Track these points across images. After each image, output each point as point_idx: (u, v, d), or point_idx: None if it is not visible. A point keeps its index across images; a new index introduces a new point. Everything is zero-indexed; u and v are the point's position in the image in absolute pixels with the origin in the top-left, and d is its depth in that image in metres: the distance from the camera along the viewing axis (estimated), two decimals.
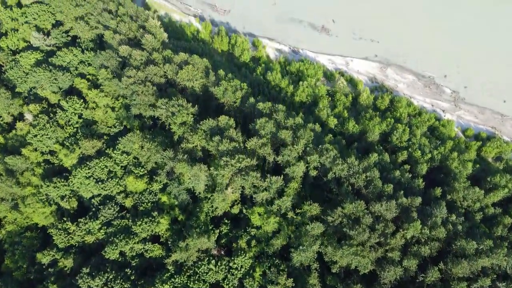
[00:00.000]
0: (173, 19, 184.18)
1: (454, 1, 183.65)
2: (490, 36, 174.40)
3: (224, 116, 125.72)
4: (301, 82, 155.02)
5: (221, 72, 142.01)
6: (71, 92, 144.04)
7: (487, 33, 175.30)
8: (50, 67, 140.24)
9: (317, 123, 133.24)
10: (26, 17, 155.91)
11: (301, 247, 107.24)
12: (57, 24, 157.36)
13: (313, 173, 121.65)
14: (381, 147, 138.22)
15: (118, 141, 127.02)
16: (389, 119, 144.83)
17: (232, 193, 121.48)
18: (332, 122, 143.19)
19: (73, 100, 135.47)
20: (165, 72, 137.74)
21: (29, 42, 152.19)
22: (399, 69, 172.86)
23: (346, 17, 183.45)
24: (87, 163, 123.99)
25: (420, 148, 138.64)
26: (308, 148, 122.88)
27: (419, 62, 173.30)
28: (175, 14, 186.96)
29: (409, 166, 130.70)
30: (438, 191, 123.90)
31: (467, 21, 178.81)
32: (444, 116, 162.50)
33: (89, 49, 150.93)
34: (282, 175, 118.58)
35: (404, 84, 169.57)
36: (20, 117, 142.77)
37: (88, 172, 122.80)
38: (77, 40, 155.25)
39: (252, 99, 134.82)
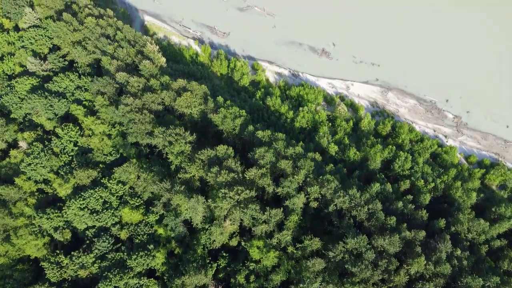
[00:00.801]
0: (172, 41, 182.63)
1: (455, 27, 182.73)
2: (493, 60, 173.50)
3: (222, 145, 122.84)
4: (301, 108, 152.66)
5: (220, 98, 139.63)
6: (67, 118, 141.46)
7: (490, 57, 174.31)
8: (46, 93, 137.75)
9: (317, 152, 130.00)
10: (23, 41, 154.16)
11: (301, 285, 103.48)
12: (54, 48, 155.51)
13: (314, 204, 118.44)
14: (383, 176, 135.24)
15: (114, 170, 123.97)
16: (390, 146, 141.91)
17: (231, 224, 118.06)
18: (333, 149, 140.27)
19: (69, 128, 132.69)
20: (162, 99, 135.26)
21: (25, 67, 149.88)
22: (400, 93, 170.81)
23: (346, 40, 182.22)
24: (82, 193, 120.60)
25: (423, 176, 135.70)
26: (308, 179, 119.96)
27: (420, 86, 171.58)
28: (174, 37, 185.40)
29: (412, 196, 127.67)
30: (442, 222, 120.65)
31: (469, 45, 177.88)
32: (447, 141, 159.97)
33: (86, 74, 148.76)
34: (281, 207, 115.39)
35: (406, 108, 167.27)
36: (15, 143, 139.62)
37: (83, 203, 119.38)
38: (74, 65, 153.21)
39: (251, 127, 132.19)
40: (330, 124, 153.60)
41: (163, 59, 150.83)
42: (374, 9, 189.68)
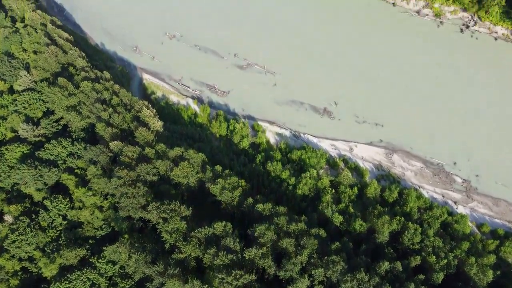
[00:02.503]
0: (171, 101, 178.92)
1: (461, 86, 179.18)
2: (501, 122, 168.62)
3: (220, 222, 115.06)
4: (303, 174, 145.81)
5: (218, 167, 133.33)
6: (57, 187, 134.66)
7: (498, 119, 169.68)
8: (36, 162, 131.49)
9: (321, 228, 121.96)
10: (16, 105, 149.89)
11: None
12: (48, 112, 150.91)
13: None
14: (391, 250, 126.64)
15: (104, 249, 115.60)
16: (398, 217, 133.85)
17: None
18: (338, 219, 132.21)
19: (58, 200, 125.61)
20: (158, 169, 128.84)
21: (17, 132, 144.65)
22: (406, 155, 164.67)
23: (348, 99, 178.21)
24: (68, 275, 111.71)
25: (435, 251, 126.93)
26: (312, 260, 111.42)
27: (426, 148, 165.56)
28: (173, 96, 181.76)
29: (424, 276, 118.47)
30: None
31: (475, 106, 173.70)
32: (457, 208, 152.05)
33: (79, 139, 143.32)
34: None
35: (412, 172, 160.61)
36: (0, 214, 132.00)
37: (69, 287, 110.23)
38: (68, 129, 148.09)
39: (250, 199, 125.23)
40: (333, 190, 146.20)
41: (160, 123, 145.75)
42: (376, 67, 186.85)
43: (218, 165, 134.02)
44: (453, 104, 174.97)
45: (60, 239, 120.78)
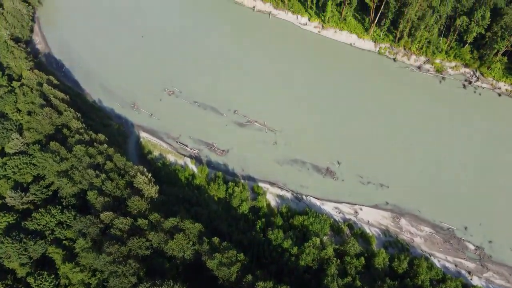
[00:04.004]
0: (168, 161, 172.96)
1: (469, 143, 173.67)
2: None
3: None
4: (306, 244, 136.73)
5: (215, 239, 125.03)
6: (43, 261, 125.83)
7: (509, 177, 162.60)
8: (22, 235, 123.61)
9: None
10: (6, 170, 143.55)
11: None
12: (38, 177, 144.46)
13: None
14: None
15: None
16: None
17: None
18: None
19: (43, 277, 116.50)
20: (151, 243, 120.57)
21: (4, 199, 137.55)
22: (414, 219, 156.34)
23: (352, 158, 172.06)
24: None
25: None
26: None
27: (435, 211, 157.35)
28: (170, 155, 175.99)
29: None
30: None
31: (484, 166, 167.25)
32: (471, 279, 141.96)
33: (70, 206, 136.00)
34: None
35: (421, 238, 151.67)
36: None
37: None
38: (58, 195, 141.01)
39: (250, 276, 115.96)
40: (338, 261, 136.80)
41: (155, 189, 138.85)
42: (379, 125, 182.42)
43: (215, 237, 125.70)
44: (461, 163, 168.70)
45: None
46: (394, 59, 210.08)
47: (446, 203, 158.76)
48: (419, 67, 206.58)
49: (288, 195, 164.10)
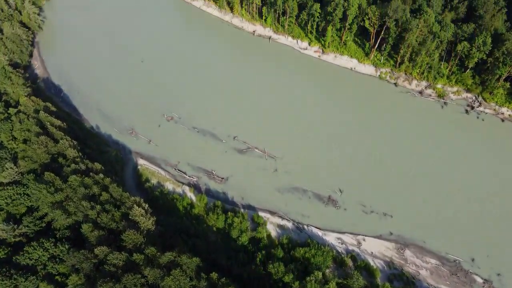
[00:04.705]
0: (166, 189, 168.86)
1: (473, 171, 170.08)
2: None
3: None
4: (307, 278, 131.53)
5: (214, 275, 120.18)
6: None
7: None
8: (12, 271, 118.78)
9: None
10: None
11: None
12: (32, 208, 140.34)
13: None
14: None
15: None
16: None
17: None
18: None
19: None
20: (147, 279, 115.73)
21: None
22: (419, 250, 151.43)
23: (354, 186, 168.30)
24: None
25: None
26: None
27: (440, 242, 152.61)
28: (169, 183, 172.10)
29: None
30: None
31: (492, 193, 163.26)
32: None
33: (63, 238, 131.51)
34: None
35: (427, 270, 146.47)
36: None
37: None
38: (52, 226, 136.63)
39: None
40: None
41: (151, 221, 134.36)
42: (381, 151, 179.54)
43: (213, 273, 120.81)
44: (467, 192, 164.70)
45: None
46: (395, 84, 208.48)
47: (452, 234, 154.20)
48: (420, 92, 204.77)
49: (289, 225, 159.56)
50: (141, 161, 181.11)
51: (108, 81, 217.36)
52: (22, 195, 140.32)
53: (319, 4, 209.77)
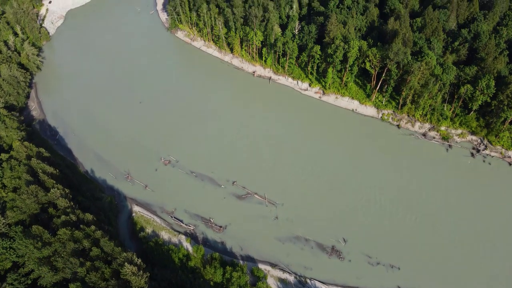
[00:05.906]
0: (161, 239, 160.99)
1: (484, 218, 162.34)
2: None
3: None
4: None
5: None
6: None
7: None
8: None
9: None
10: None
11: None
12: (18, 264, 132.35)
13: None
14: None
15: None
16: None
17: None
18: None
19: None
20: None
21: None
22: None
23: (358, 236, 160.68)
24: None
25: None
26: None
27: None
28: (164, 232, 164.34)
29: None
30: None
31: (503, 241, 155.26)
32: None
33: None
34: None
35: None
36: None
37: None
38: (38, 283, 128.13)
39: None
40: None
41: (144, 279, 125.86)
42: (386, 198, 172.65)
43: None
44: (476, 240, 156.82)
45: None
46: (398, 126, 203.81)
47: (464, 286, 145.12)
48: (424, 135, 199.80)
49: (291, 278, 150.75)
50: (136, 208, 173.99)
51: (105, 122, 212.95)
52: (8, 249, 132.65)
53: (319, 46, 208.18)
